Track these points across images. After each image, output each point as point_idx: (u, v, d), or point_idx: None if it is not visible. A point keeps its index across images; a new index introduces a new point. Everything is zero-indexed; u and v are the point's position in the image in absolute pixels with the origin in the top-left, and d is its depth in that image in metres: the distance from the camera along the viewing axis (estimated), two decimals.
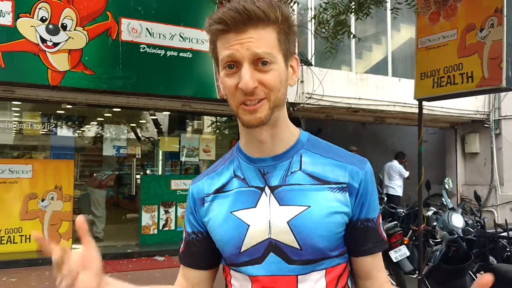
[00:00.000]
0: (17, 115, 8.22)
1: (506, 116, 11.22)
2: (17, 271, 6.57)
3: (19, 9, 6.52)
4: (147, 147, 11.55)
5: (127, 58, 7.24)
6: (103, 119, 9.23)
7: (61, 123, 8.80)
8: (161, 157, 10.91)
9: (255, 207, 1.13)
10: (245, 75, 1.03)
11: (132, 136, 10.15)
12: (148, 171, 12.18)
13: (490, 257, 4.83)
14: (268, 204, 1.12)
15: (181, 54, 7.53)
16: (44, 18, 6.65)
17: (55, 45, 6.76)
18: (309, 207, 1.09)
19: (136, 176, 12.55)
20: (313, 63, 9.19)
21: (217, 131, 10.22)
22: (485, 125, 11.36)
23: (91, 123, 9.72)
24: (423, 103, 5.10)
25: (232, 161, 1.23)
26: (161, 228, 8.34)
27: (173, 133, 10.21)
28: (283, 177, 1.13)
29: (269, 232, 1.11)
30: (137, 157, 9.69)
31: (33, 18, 6.58)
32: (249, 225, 1.12)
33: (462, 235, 4.50)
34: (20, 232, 7.41)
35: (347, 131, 14.47)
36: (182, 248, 1.26)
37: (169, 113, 9.65)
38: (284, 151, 1.16)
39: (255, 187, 1.15)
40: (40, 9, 6.62)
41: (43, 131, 8.29)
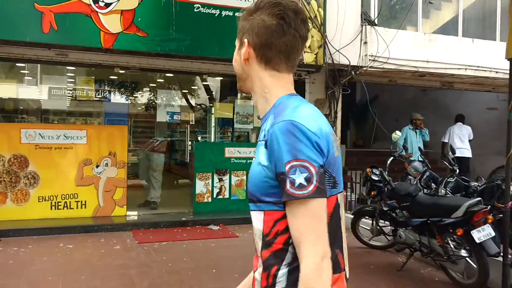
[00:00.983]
0: (71, 80, 8.10)
1: None
2: (73, 237, 6.54)
3: None
4: (199, 113, 11.31)
5: (181, 19, 6.87)
6: (156, 84, 9.00)
7: (114, 88, 8.64)
8: (213, 124, 10.65)
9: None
10: None
11: (185, 102, 9.89)
12: (199, 138, 12.00)
13: None
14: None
15: (237, 14, 7.06)
16: None
17: (107, 5, 6.48)
18: (254, 158, 1.33)
19: (188, 142, 12.40)
20: (376, 22, 8.48)
21: None
22: None
23: (144, 88, 9.52)
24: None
25: None
26: (215, 196, 8.11)
27: (225, 99, 9.87)
28: (260, 135, 1.35)
29: None
30: (190, 123, 9.44)
31: None
32: None
33: None
34: (75, 197, 7.38)
35: (405, 97, 13.62)
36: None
37: (222, 78, 9.28)
38: (264, 115, 1.38)
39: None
40: None
41: (96, 97, 8.15)
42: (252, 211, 1.34)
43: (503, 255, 4.39)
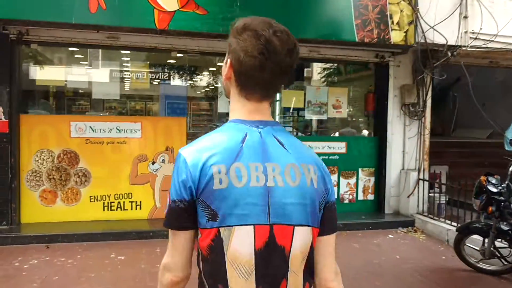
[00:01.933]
0: (126, 65, 7.30)
1: None
2: (126, 246, 5.80)
3: None
4: None
5: None
6: (217, 69, 8.03)
7: (172, 74, 7.76)
8: (277, 113, 9.57)
9: None
10: None
11: None
12: None
13: None
14: None
15: None
16: None
17: None
18: None
19: None
20: None
21: (349, 82, 8.58)
22: None
23: (203, 73, 8.58)
24: None
25: None
26: None
27: (293, 85, 8.80)
28: None
29: None
30: None
31: None
32: None
33: None
34: (130, 197, 6.66)
35: (494, 82, 11.86)
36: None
37: None
38: None
39: None
40: None
41: (152, 84, 7.31)
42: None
43: None
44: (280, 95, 7.66)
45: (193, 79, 8.47)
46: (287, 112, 9.15)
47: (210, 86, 8.53)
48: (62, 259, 5.24)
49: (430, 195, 7.25)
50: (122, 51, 6.92)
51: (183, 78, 8.00)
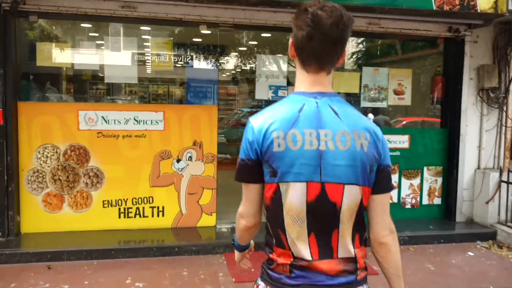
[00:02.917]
0: (146, 44, 6.12)
1: None
2: (146, 265, 4.68)
3: None
4: None
5: None
6: (253, 47, 6.77)
7: (200, 54, 6.54)
8: None
9: None
10: None
11: (292, 69, 7.57)
12: None
13: None
14: None
15: None
16: None
17: None
18: None
19: None
20: None
21: (409, 62, 7.19)
22: None
23: (236, 53, 7.33)
24: None
25: None
26: None
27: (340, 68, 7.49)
28: None
29: None
30: None
31: None
32: None
33: None
34: (150, 202, 5.54)
35: None
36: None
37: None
38: None
39: None
40: None
41: (176, 66, 6.11)
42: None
43: None
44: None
45: (224, 61, 7.23)
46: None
47: (245, 69, 7.26)
48: (65, 287, 4.15)
49: None
50: (140, 25, 5.73)
51: (213, 59, 6.77)
